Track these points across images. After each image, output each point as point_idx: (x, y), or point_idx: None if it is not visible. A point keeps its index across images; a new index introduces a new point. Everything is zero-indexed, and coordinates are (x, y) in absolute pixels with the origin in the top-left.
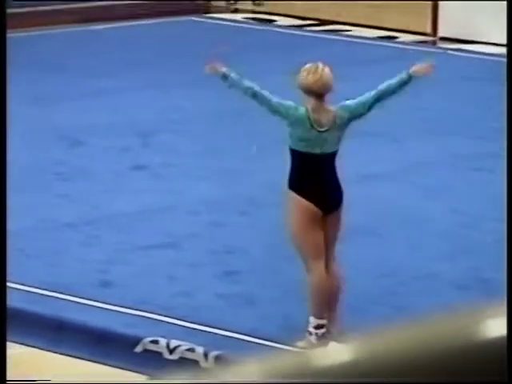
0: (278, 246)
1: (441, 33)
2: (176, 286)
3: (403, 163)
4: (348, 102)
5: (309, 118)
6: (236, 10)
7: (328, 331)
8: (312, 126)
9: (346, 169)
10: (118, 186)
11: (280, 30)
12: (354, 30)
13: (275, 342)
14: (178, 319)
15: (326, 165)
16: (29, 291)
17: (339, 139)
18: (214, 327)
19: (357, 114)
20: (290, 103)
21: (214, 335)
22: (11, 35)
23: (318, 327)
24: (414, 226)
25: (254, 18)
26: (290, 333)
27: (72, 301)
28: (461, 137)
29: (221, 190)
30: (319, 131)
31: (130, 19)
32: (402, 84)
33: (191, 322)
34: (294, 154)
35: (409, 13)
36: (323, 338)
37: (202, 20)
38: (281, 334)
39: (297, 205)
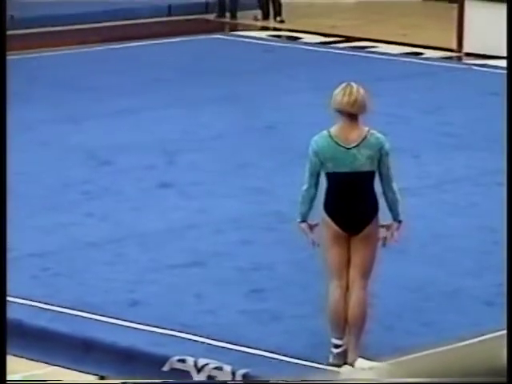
0: (306, 263)
1: (466, 48)
2: (203, 304)
3: (429, 179)
4: (386, 145)
5: (331, 137)
6: (262, 28)
7: (346, 354)
8: (337, 143)
9: None
10: (144, 204)
11: (306, 47)
12: (380, 47)
13: (302, 360)
14: (205, 337)
15: (356, 185)
16: (56, 310)
17: (372, 159)
18: (241, 345)
19: (379, 158)
20: (314, 162)
21: (241, 353)
22: (36, 55)
23: (334, 346)
24: (440, 242)
25: (279, 36)
26: (317, 350)
27: (99, 320)
28: (486, 152)
29: (248, 207)
30: (347, 148)
31: (156, 37)
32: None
33: (218, 340)
34: (326, 176)
35: (434, 29)
36: (341, 358)
37: (228, 38)
38: (308, 352)
39: (324, 224)
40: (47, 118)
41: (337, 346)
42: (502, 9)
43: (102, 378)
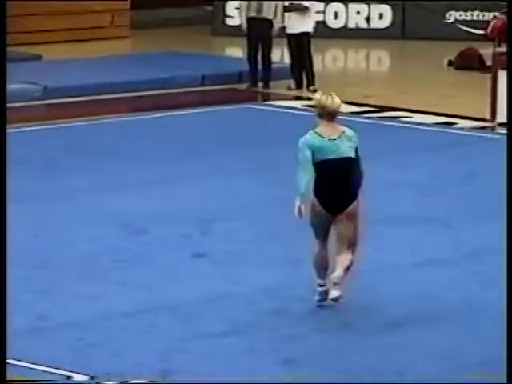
0: (338, 332)
1: (499, 118)
2: (236, 374)
3: (462, 249)
4: (355, 136)
5: (318, 134)
6: (295, 98)
7: (327, 293)
8: (322, 136)
9: (401, 255)
10: (178, 273)
11: (339, 116)
12: (413, 117)
13: None
14: None
15: (342, 170)
16: (89, 382)
17: (351, 148)
18: None
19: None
20: (307, 152)
21: None
22: (73, 124)
23: (319, 286)
24: (472, 312)
25: (312, 106)
26: None
27: None
28: None
29: (282, 276)
30: (330, 139)
31: (190, 107)
32: None
33: None
34: (315, 167)
35: (467, 99)
36: (323, 295)
37: (261, 107)
38: None
39: (311, 206)
40: (83, 186)
41: (321, 286)
42: None
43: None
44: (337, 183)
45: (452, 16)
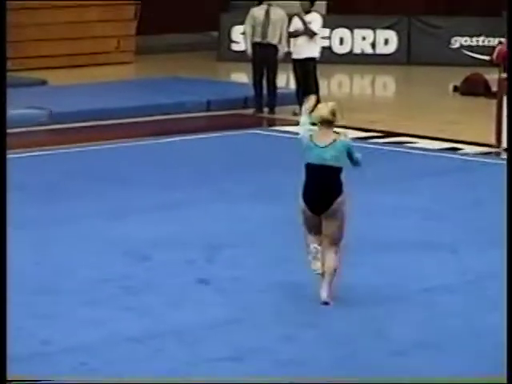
0: (348, 358)
1: (505, 144)
2: None
3: (467, 275)
4: (350, 143)
5: (310, 136)
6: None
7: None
8: (312, 141)
9: (405, 280)
10: (182, 299)
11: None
12: (418, 142)
13: None
14: None
15: (323, 176)
16: None
17: (337, 158)
18: None
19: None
20: (306, 141)
21: None
22: (77, 149)
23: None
24: (480, 339)
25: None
26: None
27: None
28: None
29: (288, 302)
30: (317, 146)
31: (195, 132)
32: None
33: None
34: (305, 168)
35: (472, 124)
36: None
37: (267, 133)
38: None
39: (301, 209)
40: (87, 211)
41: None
42: None
43: None
44: (315, 188)
45: (457, 42)
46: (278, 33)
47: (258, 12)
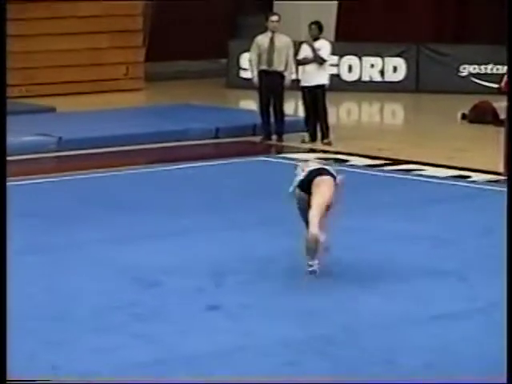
0: None
1: None
2: None
3: (477, 302)
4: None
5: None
6: (309, 150)
7: None
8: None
9: (415, 307)
10: (191, 326)
11: (353, 169)
12: (426, 170)
13: None
14: None
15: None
16: None
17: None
18: None
19: None
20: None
21: None
22: (87, 176)
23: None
24: (487, 366)
25: (327, 158)
26: None
27: None
28: None
29: (297, 330)
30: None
31: (204, 159)
32: None
33: None
34: None
35: (481, 152)
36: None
37: (275, 160)
38: None
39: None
40: (97, 238)
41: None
42: None
43: None
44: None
45: (466, 69)
46: (284, 59)
47: (263, 40)
